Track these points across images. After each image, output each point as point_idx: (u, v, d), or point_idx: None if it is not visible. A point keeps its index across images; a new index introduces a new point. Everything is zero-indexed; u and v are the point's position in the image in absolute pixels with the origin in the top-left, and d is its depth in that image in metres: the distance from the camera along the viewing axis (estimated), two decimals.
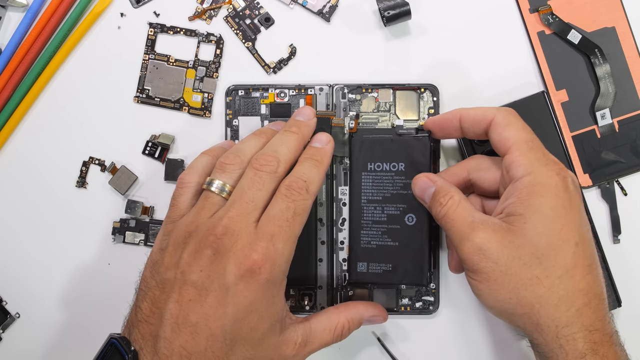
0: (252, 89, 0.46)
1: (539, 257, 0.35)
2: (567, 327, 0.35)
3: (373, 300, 0.45)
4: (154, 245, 0.39)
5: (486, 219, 0.37)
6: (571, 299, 0.35)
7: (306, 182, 0.37)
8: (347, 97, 0.45)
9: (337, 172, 0.45)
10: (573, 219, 0.36)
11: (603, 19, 0.46)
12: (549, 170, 0.36)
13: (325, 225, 0.45)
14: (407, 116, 0.45)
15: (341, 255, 0.45)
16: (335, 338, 0.40)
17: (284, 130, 0.40)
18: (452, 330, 0.46)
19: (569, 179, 0.37)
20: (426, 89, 0.45)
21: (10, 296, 0.47)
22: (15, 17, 0.47)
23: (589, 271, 0.36)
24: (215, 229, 0.35)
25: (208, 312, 0.34)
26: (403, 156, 0.44)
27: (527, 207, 0.36)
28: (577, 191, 0.37)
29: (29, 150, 0.47)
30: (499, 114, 0.38)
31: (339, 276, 0.45)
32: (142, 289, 0.37)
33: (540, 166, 0.37)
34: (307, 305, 0.45)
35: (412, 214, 0.44)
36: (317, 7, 0.46)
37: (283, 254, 0.36)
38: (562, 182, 0.36)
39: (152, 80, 0.47)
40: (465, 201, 0.39)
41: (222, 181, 0.38)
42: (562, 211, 0.36)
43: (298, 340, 0.38)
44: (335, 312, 0.41)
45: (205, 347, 0.34)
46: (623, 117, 0.46)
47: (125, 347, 0.35)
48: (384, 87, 0.45)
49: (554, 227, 0.36)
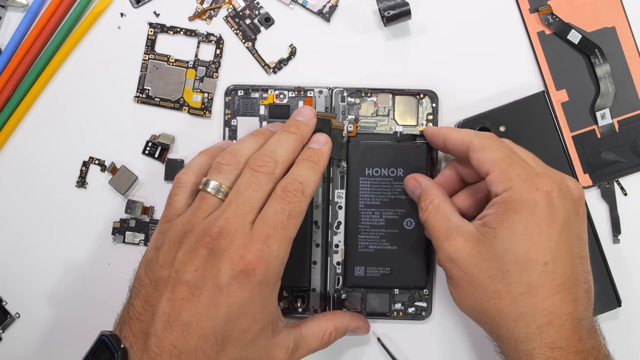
0: (251, 90, 0.46)
1: (504, 272, 0.36)
2: (526, 343, 0.35)
3: (366, 304, 0.45)
4: (149, 244, 0.39)
5: (461, 226, 0.37)
6: (532, 316, 0.35)
7: (302, 184, 0.37)
8: (346, 100, 0.45)
9: (334, 175, 0.45)
10: (548, 237, 0.35)
11: (603, 19, 0.46)
12: (528, 186, 0.36)
13: (320, 228, 0.45)
14: (406, 121, 0.45)
15: (335, 258, 0.45)
16: (322, 345, 0.41)
17: (283, 130, 0.40)
18: (445, 336, 0.46)
19: (554, 193, 0.36)
20: (425, 95, 0.45)
21: (10, 296, 0.47)
22: (15, 17, 0.47)
23: (557, 291, 0.35)
24: (211, 230, 0.35)
25: (200, 312, 0.34)
26: (401, 162, 0.44)
27: (500, 222, 0.36)
28: (563, 206, 0.36)
29: (29, 150, 0.47)
30: (475, 139, 0.39)
31: (333, 279, 0.45)
32: (135, 287, 0.37)
33: (519, 181, 0.36)
34: (299, 308, 0.45)
35: (411, 219, 0.44)
36: (317, 7, 0.46)
37: (277, 256, 0.36)
38: (543, 198, 0.36)
39: (152, 80, 0.47)
40: (445, 204, 0.39)
41: (218, 182, 0.38)
42: (536, 229, 0.35)
43: (290, 344, 0.38)
44: (324, 320, 0.41)
45: (196, 346, 0.34)
46: (623, 117, 0.46)
47: (115, 344, 0.35)
48: (384, 91, 0.45)
49: (522, 244, 0.35)
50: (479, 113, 0.45)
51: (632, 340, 0.46)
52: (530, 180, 0.36)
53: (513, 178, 0.36)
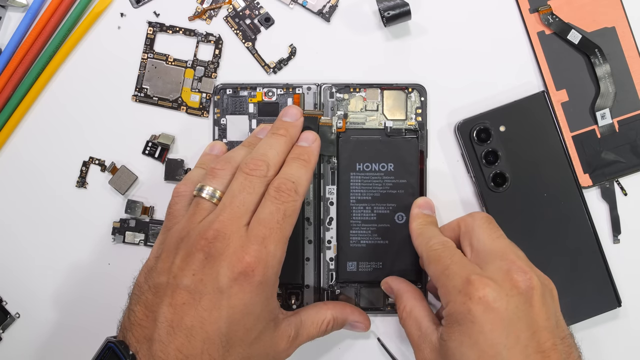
0: (239, 88, 0.46)
1: None
2: None
3: (360, 299, 0.45)
4: (150, 253, 0.39)
5: (428, 334, 0.38)
6: None
7: (294, 183, 0.38)
8: (334, 96, 0.45)
9: (325, 172, 0.45)
10: (493, 342, 0.34)
11: (603, 19, 0.45)
12: (462, 297, 0.35)
13: (312, 225, 0.45)
14: (395, 116, 0.45)
15: (328, 254, 0.45)
16: (320, 333, 0.41)
17: (272, 132, 0.40)
18: None
19: (489, 296, 0.34)
20: (414, 89, 0.45)
21: (10, 296, 0.47)
22: (15, 17, 0.47)
23: None
24: (207, 233, 0.36)
25: (203, 315, 0.35)
26: (392, 157, 0.45)
27: (449, 336, 0.35)
28: (505, 305, 0.34)
29: (29, 150, 0.47)
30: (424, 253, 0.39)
31: (326, 275, 0.45)
32: (135, 293, 0.37)
33: (454, 293, 0.36)
34: (294, 305, 0.45)
35: (402, 213, 0.45)
36: (317, 7, 0.46)
37: (275, 256, 0.36)
38: (478, 305, 0.34)
39: (150, 79, 0.47)
40: (417, 308, 0.40)
41: (212, 187, 0.38)
42: (480, 337, 0.34)
43: (291, 333, 0.39)
44: (324, 308, 0.42)
45: (202, 349, 0.34)
46: (623, 117, 0.46)
47: (124, 351, 0.35)
48: (372, 86, 0.45)
49: (471, 355, 0.34)
50: (479, 113, 0.45)
51: (632, 340, 0.46)
52: (465, 290, 0.35)
53: (450, 291, 0.36)
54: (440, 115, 0.46)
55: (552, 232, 0.45)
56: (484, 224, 0.39)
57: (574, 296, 0.45)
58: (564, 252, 0.45)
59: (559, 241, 0.45)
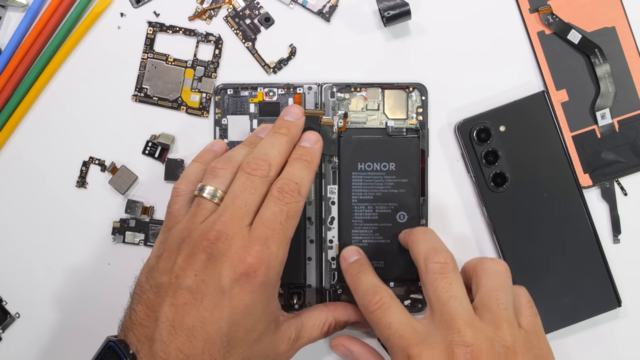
0: (240, 88, 0.46)
1: None
2: None
3: None
4: (150, 253, 0.39)
5: None
6: None
7: (297, 184, 0.37)
8: (335, 96, 0.45)
9: (326, 171, 0.45)
10: None
11: (603, 19, 0.45)
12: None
13: (314, 224, 0.45)
14: (396, 115, 0.45)
15: (330, 254, 0.45)
16: (321, 335, 0.41)
17: (273, 131, 0.40)
18: None
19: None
20: (415, 88, 0.45)
21: (10, 296, 0.47)
22: (15, 17, 0.47)
23: None
24: (209, 234, 0.35)
25: (204, 316, 0.35)
26: (393, 156, 0.45)
27: None
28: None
29: (29, 150, 0.47)
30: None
31: (328, 275, 0.45)
32: (136, 293, 0.37)
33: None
34: (296, 304, 0.45)
35: (404, 212, 0.45)
36: (317, 7, 0.46)
37: (277, 257, 0.36)
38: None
39: (150, 79, 0.47)
40: None
41: (213, 187, 0.38)
42: None
43: (292, 335, 0.39)
44: (325, 310, 0.42)
45: (203, 350, 0.34)
46: (623, 117, 0.46)
47: (124, 350, 0.35)
48: (373, 86, 0.45)
49: None
50: (479, 113, 0.45)
51: (632, 340, 0.46)
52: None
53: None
54: (440, 115, 0.46)
55: (552, 232, 0.45)
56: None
57: (574, 296, 0.45)
58: (564, 252, 0.45)
59: (559, 241, 0.45)
